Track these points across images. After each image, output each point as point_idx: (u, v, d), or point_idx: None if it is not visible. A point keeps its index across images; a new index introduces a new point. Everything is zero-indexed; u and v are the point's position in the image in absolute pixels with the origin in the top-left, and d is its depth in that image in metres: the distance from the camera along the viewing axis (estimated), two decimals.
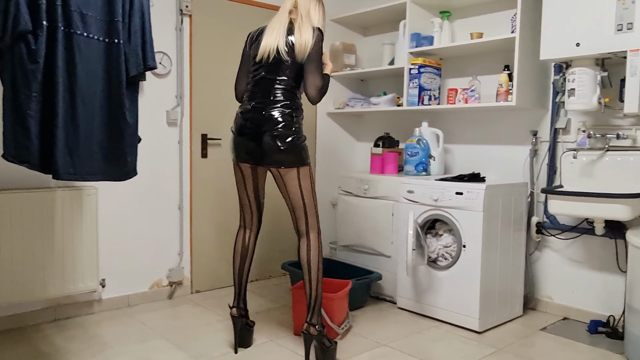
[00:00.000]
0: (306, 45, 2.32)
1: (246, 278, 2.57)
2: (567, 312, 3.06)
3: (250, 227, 2.57)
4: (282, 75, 2.37)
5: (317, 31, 2.38)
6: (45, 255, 2.69)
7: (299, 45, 2.33)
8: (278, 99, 2.36)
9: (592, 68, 2.65)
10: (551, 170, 3.07)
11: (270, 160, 2.34)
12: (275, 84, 2.38)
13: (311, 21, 2.42)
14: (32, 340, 2.57)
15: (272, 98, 2.36)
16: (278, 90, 2.37)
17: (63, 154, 1.87)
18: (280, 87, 2.38)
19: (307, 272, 2.36)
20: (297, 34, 2.35)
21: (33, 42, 1.78)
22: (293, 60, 2.35)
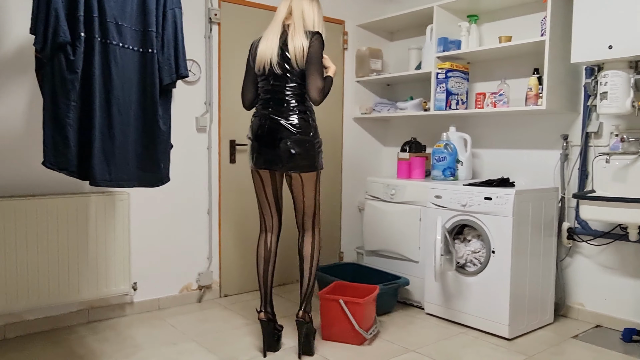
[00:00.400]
0: (302, 52, 2.39)
1: (271, 281, 2.61)
2: (600, 320, 2.99)
3: (271, 231, 2.63)
4: (289, 82, 2.44)
5: (313, 34, 2.43)
6: (79, 259, 2.77)
7: (293, 54, 2.40)
8: (292, 105, 2.44)
9: (625, 71, 2.60)
10: (583, 175, 3.02)
11: (287, 165, 2.42)
12: (286, 91, 2.45)
13: (305, 24, 2.47)
14: (67, 342, 2.65)
15: (285, 105, 2.44)
16: (289, 96, 2.44)
17: (100, 161, 1.92)
18: (291, 93, 2.44)
19: (308, 264, 2.52)
20: (290, 44, 2.42)
21: (71, 53, 1.85)
22: (292, 68, 2.41)
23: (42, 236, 2.65)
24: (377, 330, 2.80)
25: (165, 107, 2.10)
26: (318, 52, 2.41)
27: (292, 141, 2.39)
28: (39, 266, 2.64)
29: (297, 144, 2.39)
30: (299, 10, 2.48)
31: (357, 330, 2.61)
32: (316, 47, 2.41)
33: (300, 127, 2.41)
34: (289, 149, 2.39)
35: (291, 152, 2.39)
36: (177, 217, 3.24)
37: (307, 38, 2.41)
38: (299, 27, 2.44)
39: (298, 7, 2.49)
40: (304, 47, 2.39)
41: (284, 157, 2.41)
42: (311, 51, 2.39)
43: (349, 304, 2.62)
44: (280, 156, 2.42)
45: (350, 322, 2.60)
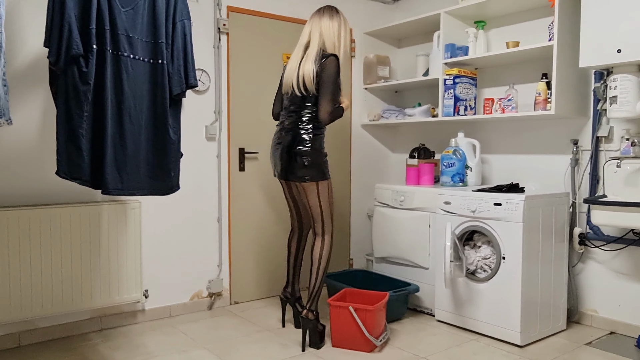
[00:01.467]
0: (311, 77, 2.58)
1: (294, 270, 2.96)
2: (614, 327, 2.96)
3: (295, 230, 2.99)
4: (303, 103, 2.67)
5: (324, 59, 2.57)
6: (91, 267, 2.80)
7: (302, 79, 2.61)
8: (302, 124, 2.68)
9: (635, 74, 2.59)
10: (594, 180, 3.00)
11: (294, 175, 2.68)
12: (299, 110, 2.69)
13: (325, 45, 2.65)
14: (80, 349, 2.67)
15: (299, 124, 2.68)
16: (301, 114, 2.68)
17: (112, 170, 1.96)
18: (303, 113, 2.68)
19: (316, 266, 2.72)
20: (301, 70, 2.62)
21: (84, 65, 1.89)
22: (307, 92, 2.64)
23: (56, 245, 2.68)
24: (387, 337, 2.79)
25: (176, 116, 2.13)
26: (330, 77, 2.59)
27: (297, 154, 2.65)
28: (52, 274, 2.68)
29: (301, 156, 2.64)
30: (317, 32, 2.67)
31: (367, 337, 2.60)
32: (329, 71, 2.58)
33: (306, 142, 2.65)
34: (294, 160, 2.66)
35: (295, 163, 2.66)
36: (188, 225, 3.26)
37: (318, 62, 2.57)
38: (312, 52, 2.63)
39: (316, 30, 2.68)
40: (313, 72, 2.57)
41: (289, 168, 2.69)
42: (323, 75, 2.58)
43: (359, 311, 2.62)
44: (287, 167, 2.70)
45: (360, 329, 2.60)
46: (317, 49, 2.62)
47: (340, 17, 2.71)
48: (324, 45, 2.65)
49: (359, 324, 2.60)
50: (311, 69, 2.57)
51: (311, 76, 2.57)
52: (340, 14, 2.73)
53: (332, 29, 2.65)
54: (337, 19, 2.69)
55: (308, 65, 2.59)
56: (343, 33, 2.69)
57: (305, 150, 2.63)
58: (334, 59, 2.59)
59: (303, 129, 2.65)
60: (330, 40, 2.65)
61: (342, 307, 2.65)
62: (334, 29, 2.66)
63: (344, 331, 2.66)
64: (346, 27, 2.72)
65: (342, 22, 2.70)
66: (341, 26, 2.69)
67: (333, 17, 2.69)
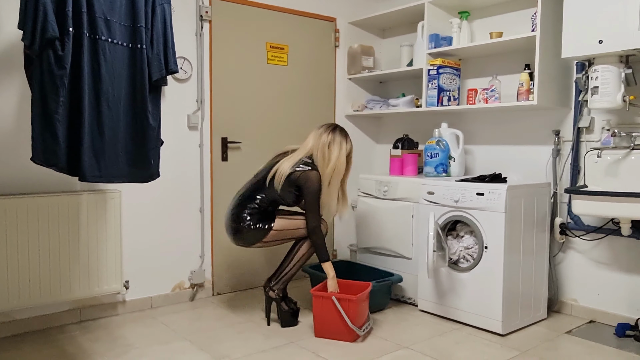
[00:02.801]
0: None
1: (282, 263, 2.92)
2: (593, 315, 3.00)
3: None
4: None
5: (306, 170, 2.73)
6: (70, 258, 2.74)
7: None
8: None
9: (616, 65, 2.61)
10: (575, 170, 3.03)
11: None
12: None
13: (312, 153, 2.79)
14: (58, 341, 2.62)
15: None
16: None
17: (89, 157, 1.91)
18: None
19: (296, 251, 2.84)
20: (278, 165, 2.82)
21: (60, 49, 1.83)
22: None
23: (33, 235, 2.62)
24: (370, 327, 2.80)
25: (155, 102, 2.09)
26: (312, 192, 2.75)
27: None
28: (29, 265, 2.62)
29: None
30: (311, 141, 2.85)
31: (350, 327, 2.60)
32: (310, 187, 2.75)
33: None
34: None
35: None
36: (169, 216, 3.22)
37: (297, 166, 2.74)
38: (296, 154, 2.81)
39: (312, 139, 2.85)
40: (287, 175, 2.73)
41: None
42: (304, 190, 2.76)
43: (342, 301, 2.61)
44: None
45: (343, 319, 2.60)
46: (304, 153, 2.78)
47: (337, 137, 2.81)
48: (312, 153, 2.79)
49: (342, 314, 2.59)
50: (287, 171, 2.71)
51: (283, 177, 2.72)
52: (343, 137, 2.84)
53: (327, 152, 2.76)
54: (334, 136, 2.79)
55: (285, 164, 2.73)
56: (336, 152, 2.77)
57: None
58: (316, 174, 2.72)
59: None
60: (327, 161, 2.76)
61: (325, 297, 2.64)
62: (331, 151, 2.77)
63: (326, 321, 2.65)
64: (341, 147, 2.80)
65: (337, 141, 2.79)
66: (342, 146, 2.80)
67: (333, 136, 2.80)
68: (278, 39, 3.66)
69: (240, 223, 2.74)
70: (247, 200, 2.78)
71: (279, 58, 3.67)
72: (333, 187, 2.79)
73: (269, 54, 3.62)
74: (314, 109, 3.88)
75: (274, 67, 3.65)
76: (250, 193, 2.81)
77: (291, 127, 3.77)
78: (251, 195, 2.80)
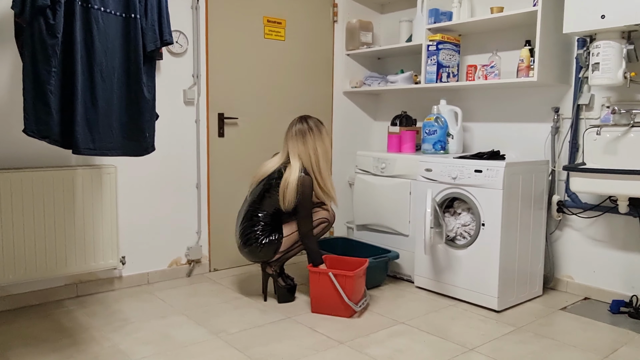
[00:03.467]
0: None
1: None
2: (588, 292, 3.02)
3: None
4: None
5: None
6: (66, 233, 2.73)
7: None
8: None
9: (617, 41, 2.57)
10: (573, 148, 3.01)
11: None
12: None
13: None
14: (55, 316, 2.63)
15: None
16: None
17: (83, 129, 1.88)
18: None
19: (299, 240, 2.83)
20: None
21: (51, 17, 1.78)
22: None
23: (28, 210, 2.60)
24: (366, 303, 2.81)
25: (150, 74, 2.05)
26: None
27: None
28: (25, 240, 2.60)
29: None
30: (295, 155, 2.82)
31: (346, 303, 2.61)
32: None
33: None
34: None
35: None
36: (166, 192, 3.20)
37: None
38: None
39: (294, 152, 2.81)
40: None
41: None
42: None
43: (339, 277, 2.61)
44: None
45: (340, 295, 2.60)
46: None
47: (315, 129, 2.80)
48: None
49: (339, 290, 2.60)
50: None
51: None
52: (321, 125, 2.84)
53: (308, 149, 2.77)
54: (309, 135, 2.77)
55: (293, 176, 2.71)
56: (321, 145, 2.79)
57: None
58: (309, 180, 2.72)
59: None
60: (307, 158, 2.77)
61: (321, 273, 2.64)
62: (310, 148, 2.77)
63: (323, 297, 2.66)
64: (322, 137, 2.81)
65: (317, 132, 2.79)
66: (318, 138, 2.79)
67: (306, 134, 2.77)
68: (275, 13, 3.60)
69: (252, 244, 2.75)
70: (251, 221, 2.77)
71: (276, 33, 3.61)
72: (328, 176, 2.83)
73: (266, 28, 3.56)
74: (311, 85, 3.84)
75: (271, 42, 3.60)
76: (251, 213, 2.78)
77: (288, 104, 3.73)
78: (253, 215, 2.78)
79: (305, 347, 2.29)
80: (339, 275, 2.62)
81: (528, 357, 2.24)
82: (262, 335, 2.42)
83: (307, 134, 2.78)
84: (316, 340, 2.37)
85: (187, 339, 2.37)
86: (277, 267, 2.86)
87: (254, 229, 2.76)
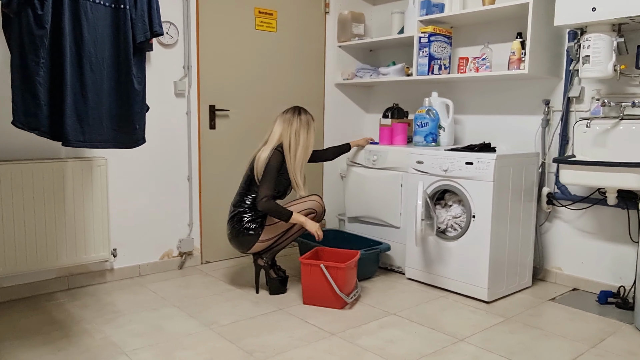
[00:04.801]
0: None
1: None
2: (577, 283, 3.05)
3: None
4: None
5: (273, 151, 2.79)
6: (57, 225, 2.72)
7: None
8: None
9: (608, 34, 2.58)
10: (563, 140, 3.03)
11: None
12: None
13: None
14: (46, 308, 2.62)
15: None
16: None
17: (72, 121, 1.86)
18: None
19: (289, 230, 2.85)
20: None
21: (39, 7, 1.76)
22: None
23: (18, 203, 2.59)
24: (358, 294, 2.82)
25: (140, 66, 2.03)
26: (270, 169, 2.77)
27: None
28: (15, 233, 2.59)
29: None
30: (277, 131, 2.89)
31: (338, 295, 2.62)
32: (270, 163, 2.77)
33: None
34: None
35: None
36: (157, 184, 3.19)
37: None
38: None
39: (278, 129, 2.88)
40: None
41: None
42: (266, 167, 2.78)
43: (330, 269, 2.62)
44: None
45: (332, 286, 2.62)
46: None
47: (304, 119, 2.86)
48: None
49: (330, 282, 2.61)
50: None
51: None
52: (309, 117, 2.89)
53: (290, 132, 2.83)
54: (300, 120, 2.84)
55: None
56: (303, 134, 2.84)
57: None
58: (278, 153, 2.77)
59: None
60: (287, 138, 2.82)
61: (313, 264, 2.65)
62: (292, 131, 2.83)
63: (315, 289, 2.67)
64: (308, 129, 2.87)
65: (304, 123, 2.85)
66: (301, 128, 2.84)
67: (293, 121, 2.84)
68: (267, 4, 3.57)
69: (237, 227, 2.78)
70: (238, 207, 2.81)
71: (267, 24, 3.59)
72: (300, 167, 2.85)
73: (257, 19, 3.54)
74: (303, 77, 3.83)
75: (262, 34, 3.58)
76: (238, 200, 2.83)
77: (280, 95, 3.71)
78: (239, 201, 2.82)
79: (297, 339, 2.31)
80: (330, 267, 2.63)
81: (517, 347, 2.27)
82: (254, 327, 2.43)
83: (294, 121, 2.83)
84: (308, 332, 2.38)
85: (179, 330, 2.38)
86: (268, 259, 2.87)
87: (240, 212, 2.79)
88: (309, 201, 2.87)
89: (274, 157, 2.75)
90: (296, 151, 2.82)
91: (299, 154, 2.83)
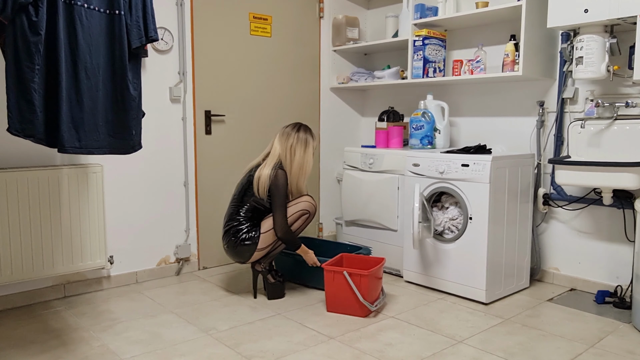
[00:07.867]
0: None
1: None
2: (574, 283, 3.06)
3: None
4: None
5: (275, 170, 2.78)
6: (53, 233, 2.70)
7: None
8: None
9: (600, 35, 2.60)
10: (558, 141, 3.05)
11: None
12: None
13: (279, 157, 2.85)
14: (43, 317, 2.60)
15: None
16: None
17: (68, 128, 1.86)
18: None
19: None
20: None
21: (34, 14, 1.76)
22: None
23: (13, 211, 2.57)
24: (383, 302, 2.77)
25: (135, 71, 2.03)
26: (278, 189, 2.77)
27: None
28: (10, 241, 2.57)
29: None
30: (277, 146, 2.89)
31: (361, 302, 2.55)
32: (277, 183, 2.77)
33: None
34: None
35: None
36: (153, 190, 3.18)
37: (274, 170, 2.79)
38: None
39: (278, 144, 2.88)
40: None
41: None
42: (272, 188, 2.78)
43: (353, 276, 2.55)
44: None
45: (355, 294, 2.55)
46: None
47: (302, 137, 2.85)
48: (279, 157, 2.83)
49: (354, 289, 2.54)
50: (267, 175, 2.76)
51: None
52: (308, 135, 2.88)
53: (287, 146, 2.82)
54: (298, 137, 2.83)
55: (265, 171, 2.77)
56: (300, 151, 2.83)
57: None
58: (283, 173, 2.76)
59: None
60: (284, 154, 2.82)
61: (336, 271, 2.59)
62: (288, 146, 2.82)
63: (338, 296, 2.60)
64: (307, 146, 2.86)
65: (302, 140, 2.84)
66: (297, 144, 2.83)
67: (290, 136, 2.84)
68: (261, 10, 3.58)
69: (232, 240, 2.78)
70: (233, 221, 2.81)
71: (262, 29, 3.60)
72: (296, 183, 2.87)
73: (252, 24, 3.55)
74: (298, 82, 3.83)
75: (257, 39, 3.59)
76: (232, 213, 2.83)
77: (275, 100, 3.72)
78: (233, 213, 2.82)
79: (296, 343, 2.30)
80: (353, 274, 2.57)
81: (516, 348, 2.27)
82: (252, 332, 2.42)
83: (291, 136, 2.83)
84: (306, 336, 2.37)
85: (177, 337, 2.36)
86: (266, 263, 2.86)
87: (235, 225, 2.78)
88: (302, 202, 2.85)
89: (280, 177, 2.74)
90: (291, 167, 2.82)
91: (294, 170, 2.83)
